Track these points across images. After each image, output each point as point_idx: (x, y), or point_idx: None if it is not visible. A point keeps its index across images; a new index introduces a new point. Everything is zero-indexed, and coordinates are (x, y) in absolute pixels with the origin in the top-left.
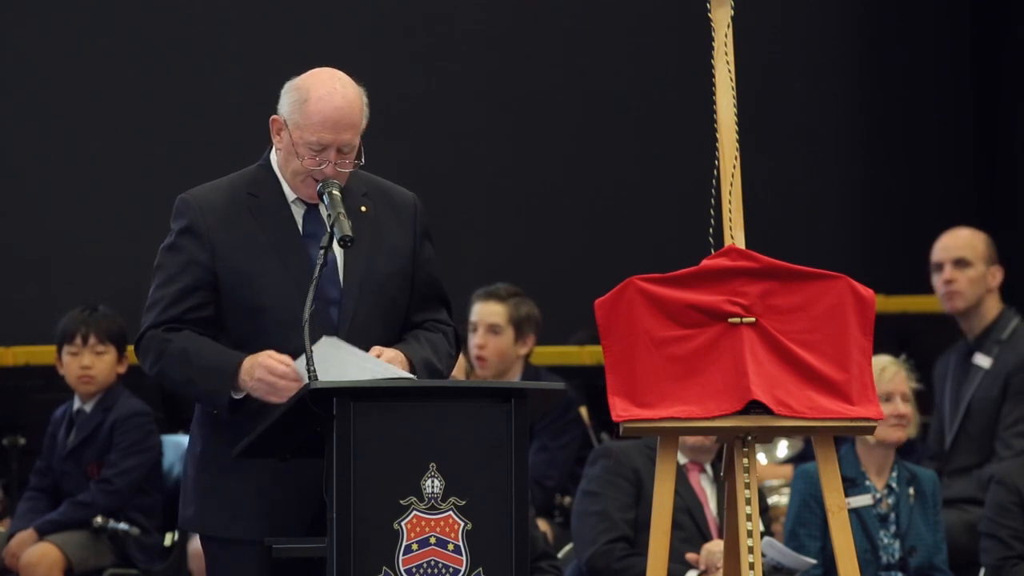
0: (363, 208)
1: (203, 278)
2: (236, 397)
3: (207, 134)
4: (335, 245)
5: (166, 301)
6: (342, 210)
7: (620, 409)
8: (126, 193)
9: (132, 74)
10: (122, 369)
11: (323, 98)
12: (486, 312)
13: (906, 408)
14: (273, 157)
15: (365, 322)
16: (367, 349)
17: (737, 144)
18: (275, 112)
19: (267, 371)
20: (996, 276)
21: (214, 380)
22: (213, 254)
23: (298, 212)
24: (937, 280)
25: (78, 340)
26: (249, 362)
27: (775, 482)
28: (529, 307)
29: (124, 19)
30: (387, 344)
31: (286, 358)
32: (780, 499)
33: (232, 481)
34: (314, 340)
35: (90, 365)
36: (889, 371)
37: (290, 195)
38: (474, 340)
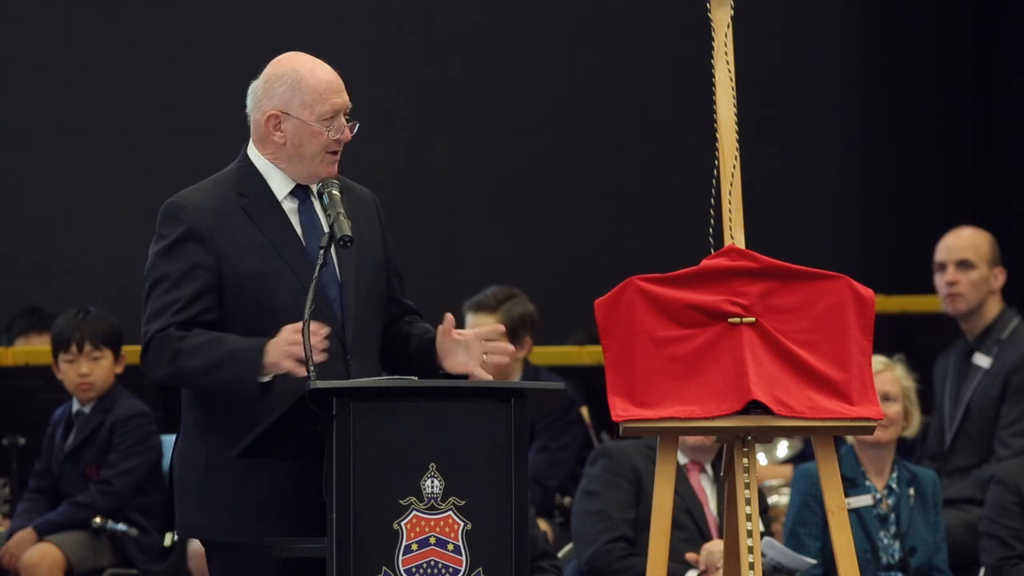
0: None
1: (210, 282)
2: (263, 380)
3: (207, 134)
4: (334, 245)
5: (175, 307)
6: (341, 210)
7: (620, 409)
8: (126, 193)
9: (132, 75)
10: (120, 370)
11: (314, 69)
12: (478, 325)
13: (891, 408)
14: (254, 156)
15: (364, 315)
16: (368, 342)
17: (737, 144)
18: (248, 115)
19: (293, 330)
20: (999, 278)
21: (241, 364)
22: (218, 257)
23: (290, 209)
24: (939, 280)
25: (73, 347)
26: (273, 341)
27: (775, 482)
28: (523, 307)
29: (124, 21)
30: (378, 335)
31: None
32: (780, 499)
33: (246, 485)
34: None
35: (88, 372)
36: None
37: (279, 193)
38: None
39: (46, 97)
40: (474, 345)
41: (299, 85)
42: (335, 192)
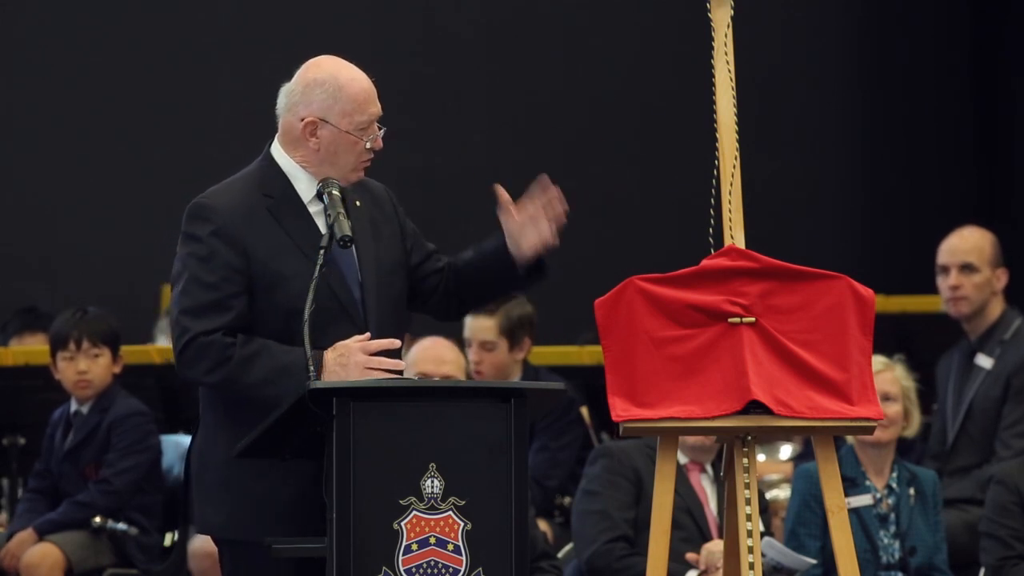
0: (357, 202)
1: (242, 284)
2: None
3: (207, 134)
4: (335, 245)
5: (212, 310)
6: (342, 210)
7: (620, 409)
8: (126, 193)
9: (132, 75)
10: (118, 369)
11: (354, 78)
12: (477, 328)
13: (891, 409)
14: (280, 156)
15: (385, 316)
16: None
17: (737, 144)
18: (279, 115)
19: (362, 349)
20: (1001, 279)
21: (297, 378)
22: (247, 258)
23: (316, 212)
24: (942, 283)
25: (71, 345)
26: (333, 353)
27: (774, 476)
28: (521, 308)
29: (124, 21)
30: (399, 331)
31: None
32: (779, 493)
33: (267, 485)
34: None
35: (86, 370)
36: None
37: (305, 195)
38: (470, 355)
39: (46, 97)
40: (537, 214)
41: (339, 94)
42: (335, 192)
